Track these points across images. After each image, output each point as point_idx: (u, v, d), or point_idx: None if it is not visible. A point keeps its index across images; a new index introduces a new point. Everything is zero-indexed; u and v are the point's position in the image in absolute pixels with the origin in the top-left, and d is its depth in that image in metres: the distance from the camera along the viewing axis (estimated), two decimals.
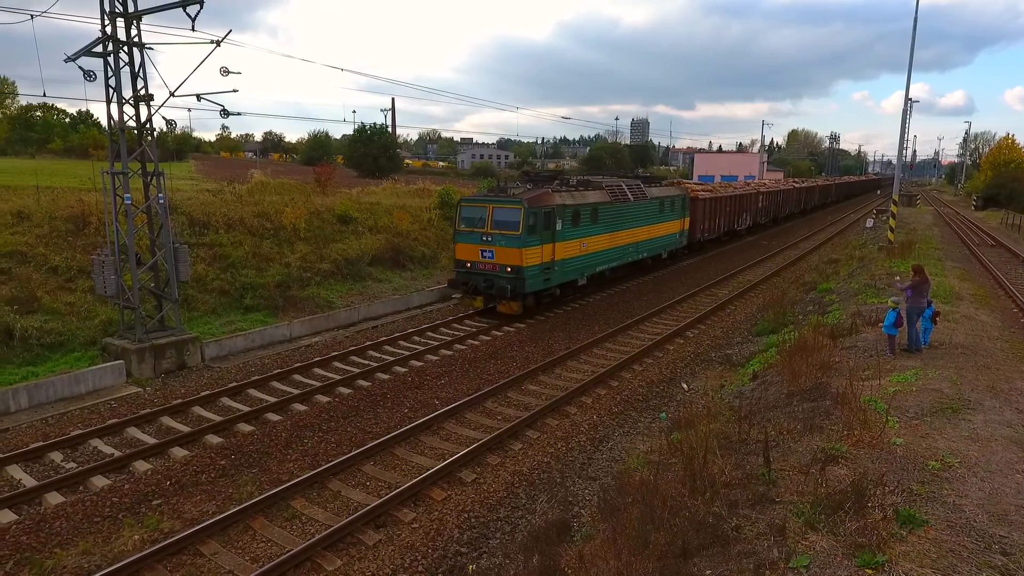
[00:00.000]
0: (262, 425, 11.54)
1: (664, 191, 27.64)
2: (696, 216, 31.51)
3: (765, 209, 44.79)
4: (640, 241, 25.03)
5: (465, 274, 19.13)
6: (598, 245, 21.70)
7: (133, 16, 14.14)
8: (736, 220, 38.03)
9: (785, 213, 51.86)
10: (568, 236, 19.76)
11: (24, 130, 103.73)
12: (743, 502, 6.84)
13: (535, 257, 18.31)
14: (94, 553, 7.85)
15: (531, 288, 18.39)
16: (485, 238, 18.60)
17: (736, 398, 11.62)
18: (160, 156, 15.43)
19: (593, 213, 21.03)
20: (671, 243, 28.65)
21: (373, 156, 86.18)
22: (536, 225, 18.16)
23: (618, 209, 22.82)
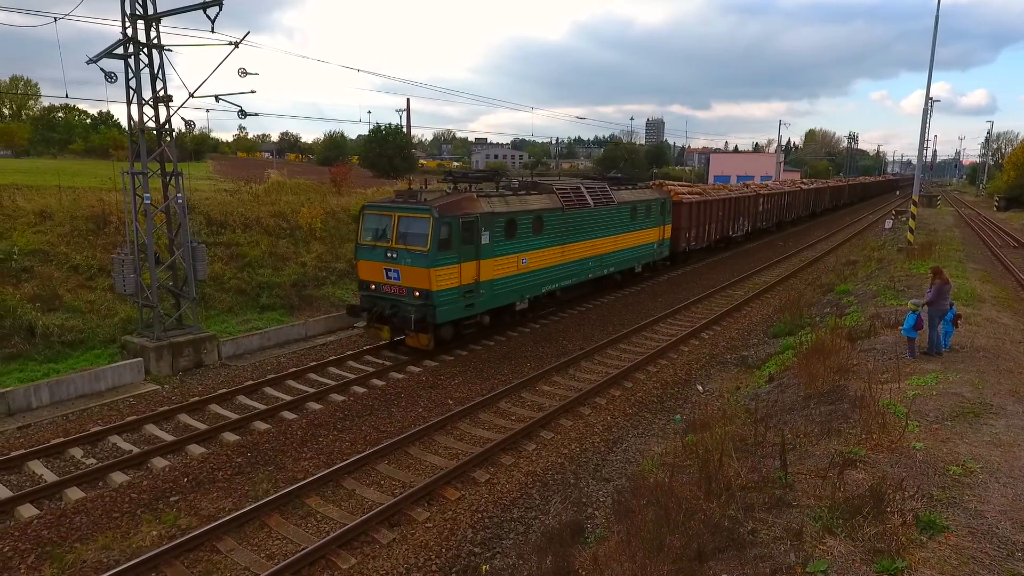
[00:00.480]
0: (278, 423, 11.63)
1: (638, 194, 23.75)
2: (680, 222, 27.77)
3: (767, 213, 41.21)
4: (605, 254, 21.20)
5: (369, 298, 15.63)
6: (544, 260, 18.07)
7: (153, 18, 14.32)
8: (731, 226, 34.57)
9: (791, 217, 47.81)
10: (500, 251, 16.18)
11: (46, 131, 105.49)
12: (759, 505, 6.78)
13: (450, 278, 14.68)
14: (113, 548, 7.96)
15: (445, 317, 14.74)
16: (389, 254, 14.88)
17: (752, 400, 11.52)
18: (178, 156, 15.62)
19: (536, 222, 17.53)
20: (647, 255, 24.67)
21: (388, 156, 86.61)
22: (452, 238, 14.57)
23: (573, 217, 19.10)
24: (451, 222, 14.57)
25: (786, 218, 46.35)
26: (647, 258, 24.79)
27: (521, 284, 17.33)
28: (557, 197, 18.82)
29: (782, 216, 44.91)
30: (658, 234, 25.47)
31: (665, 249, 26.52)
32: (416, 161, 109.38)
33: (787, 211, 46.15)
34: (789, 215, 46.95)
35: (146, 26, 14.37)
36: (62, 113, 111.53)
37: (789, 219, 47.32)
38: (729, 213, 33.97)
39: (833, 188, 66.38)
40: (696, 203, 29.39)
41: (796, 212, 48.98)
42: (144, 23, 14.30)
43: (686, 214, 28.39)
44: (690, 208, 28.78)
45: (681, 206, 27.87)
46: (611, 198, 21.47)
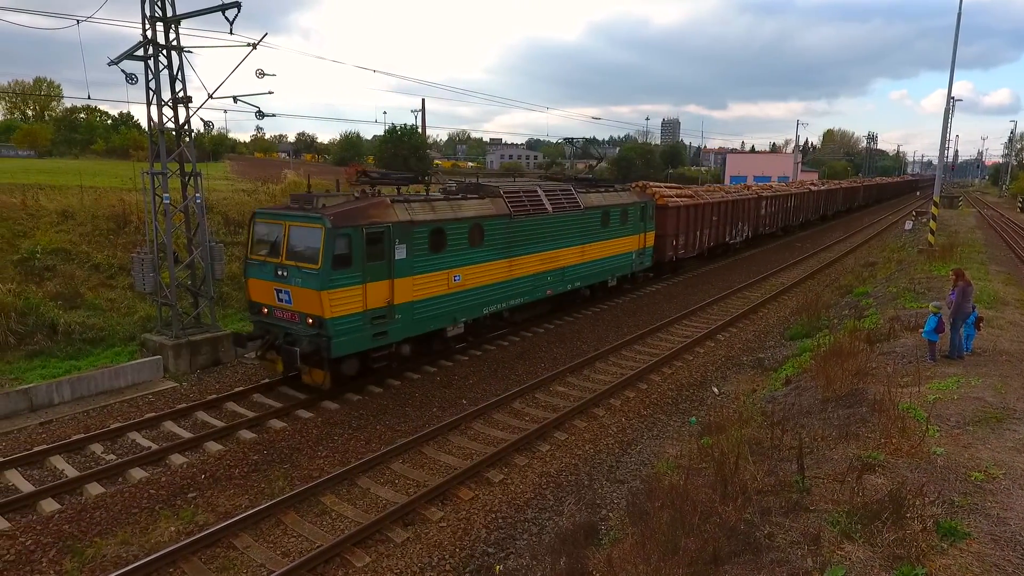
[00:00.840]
0: (293, 421, 11.72)
1: (612, 198, 20.76)
2: (667, 228, 25.00)
3: (770, 217, 37.97)
4: (568, 267, 18.46)
5: (262, 324, 13.10)
6: (486, 276, 15.44)
7: (173, 20, 14.50)
8: (729, 232, 31.76)
9: (799, 221, 44.46)
10: (423, 267, 13.57)
11: (69, 132, 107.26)
12: (776, 509, 6.71)
13: (350, 302, 12.09)
14: (132, 543, 8.07)
15: (343, 349, 12.13)
16: (280, 272, 12.35)
17: (768, 403, 11.41)
18: (197, 157, 15.80)
19: (474, 232, 14.88)
20: (623, 266, 21.66)
21: (403, 157, 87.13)
22: (352, 254, 12.02)
23: (524, 225, 16.47)
24: (351, 234, 11.98)
25: (793, 222, 43.17)
26: (623, 270, 21.87)
27: (453, 305, 14.62)
28: (504, 202, 16.05)
29: (788, 220, 41.77)
30: (638, 242, 22.40)
31: (647, 259, 23.50)
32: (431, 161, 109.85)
33: (794, 214, 43.18)
34: (797, 219, 43.83)
35: (165, 28, 14.55)
36: (84, 114, 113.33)
37: (797, 223, 44.16)
38: (726, 217, 31.10)
39: (846, 189, 62.58)
40: (685, 207, 26.42)
41: (805, 215, 45.94)
42: (164, 25, 14.48)
43: (673, 219, 25.46)
44: (677, 212, 25.78)
45: (667, 210, 24.96)
46: (576, 202, 18.72)
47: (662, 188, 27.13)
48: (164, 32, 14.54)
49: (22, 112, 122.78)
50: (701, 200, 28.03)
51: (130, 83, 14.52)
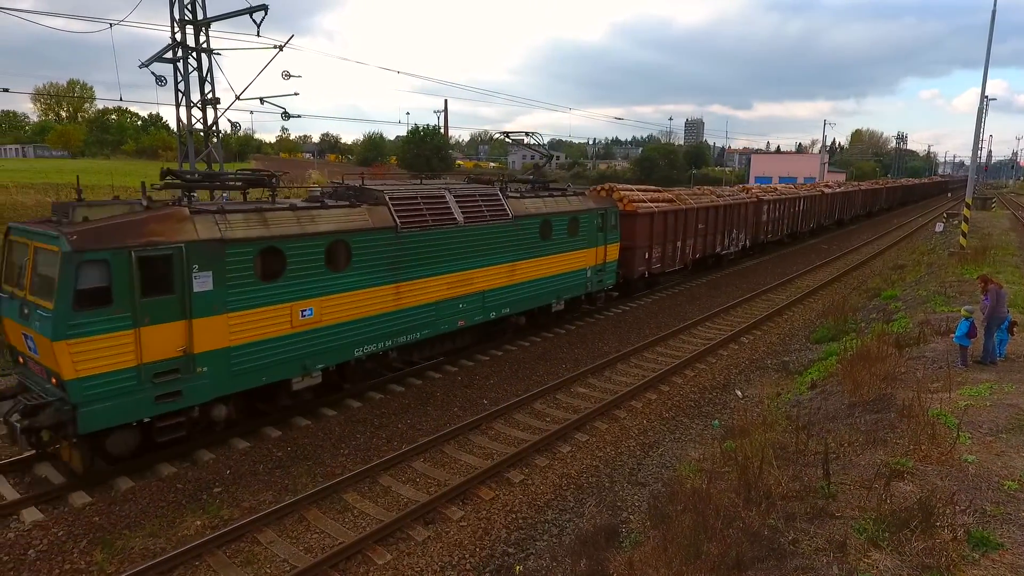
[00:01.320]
0: (317, 419, 11.85)
1: (557, 204, 17.04)
2: (637, 239, 21.17)
3: (773, 223, 34.08)
4: (490, 290, 14.85)
5: (22, 375, 9.98)
6: (357, 308, 12.01)
7: (202, 23, 14.78)
8: (721, 241, 27.96)
9: (808, 228, 40.26)
10: (248, 300, 10.22)
11: (100, 132, 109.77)
12: (801, 515, 6.62)
13: (112, 354, 8.78)
14: (159, 536, 8.23)
15: (98, 422, 8.84)
16: (24, 310, 9.17)
17: (793, 407, 11.25)
18: (223, 157, 16.07)
19: (336, 251, 11.49)
20: (573, 286, 17.96)
21: (426, 157, 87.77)
22: (113, 287, 8.71)
23: (419, 240, 12.87)
24: (109, 259, 8.65)
25: (803, 228, 39.11)
26: (573, 291, 18.09)
27: (301, 349, 11.18)
28: (388, 211, 12.49)
29: (796, 226, 37.68)
30: (594, 257, 18.62)
31: (609, 276, 19.69)
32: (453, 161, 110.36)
33: (803, 220, 38.95)
34: (807, 224, 39.65)
35: (195, 31, 14.84)
36: (115, 115, 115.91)
37: (807, 229, 39.99)
38: (716, 225, 27.22)
39: (866, 192, 57.05)
40: (661, 213, 22.36)
41: (817, 220, 41.77)
42: (193, 28, 14.76)
43: (645, 228, 21.61)
44: (651, 220, 21.80)
45: (636, 218, 21.09)
46: (502, 211, 15.00)
47: (633, 192, 22.76)
48: (194, 35, 14.83)
49: (56, 113, 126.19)
50: (683, 205, 24.17)
51: (160, 85, 14.84)
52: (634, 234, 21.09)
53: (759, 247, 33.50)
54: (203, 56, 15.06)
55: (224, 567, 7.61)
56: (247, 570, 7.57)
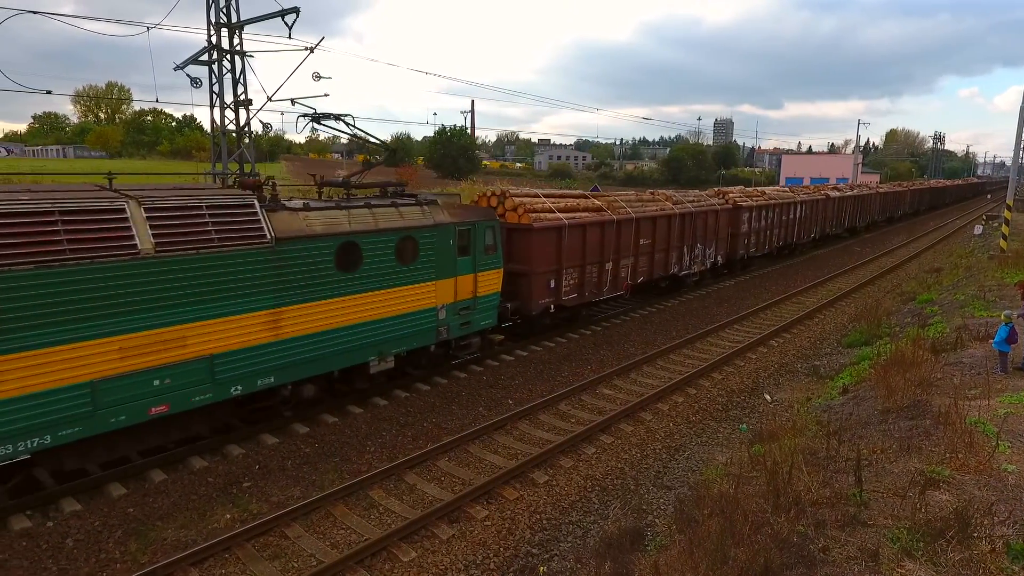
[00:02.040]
0: (344, 416, 11.98)
1: (380, 218, 12.02)
2: (535, 262, 15.70)
3: (758, 235, 28.04)
4: (226, 352, 9.92)
5: None
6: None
7: (236, 26, 15.06)
8: (676, 259, 21.91)
9: (809, 237, 34.27)
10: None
11: (137, 133, 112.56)
12: (832, 522, 6.49)
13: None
14: (191, 528, 8.41)
15: None
16: None
17: (824, 412, 11.04)
18: (255, 157, 16.35)
19: None
20: (410, 334, 12.77)
21: (452, 157, 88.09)
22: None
23: (36, 284, 7.96)
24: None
25: (802, 239, 33.29)
26: (412, 340, 12.83)
27: None
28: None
29: (789, 237, 31.65)
30: (452, 290, 13.35)
31: (485, 314, 14.37)
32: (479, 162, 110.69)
33: (800, 230, 32.79)
34: (805, 235, 33.68)
35: (229, 33, 15.12)
36: (150, 117, 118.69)
37: (807, 239, 34.14)
38: (668, 239, 21.19)
39: (886, 195, 49.51)
40: (574, 227, 16.70)
41: (820, 229, 35.57)
42: (227, 31, 15.05)
43: (547, 247, 16.06)
44: (558, 236, 16.26)
45: (532, 234, 15.55)
46: (257, 229, 10.17)
47: (537, 199, 16.89)
48: (228, 37, 15.11)
49: (95, 115, 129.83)
50: (615, 215, 18.44)
51: (195, 87, 15.17)
52: (530, 256, 15.58)
53: (743, 264, 27.86)
54: (236, 58, 15.36)
55: (253, 560, 7.74)
56: (275, 564, 7.70)
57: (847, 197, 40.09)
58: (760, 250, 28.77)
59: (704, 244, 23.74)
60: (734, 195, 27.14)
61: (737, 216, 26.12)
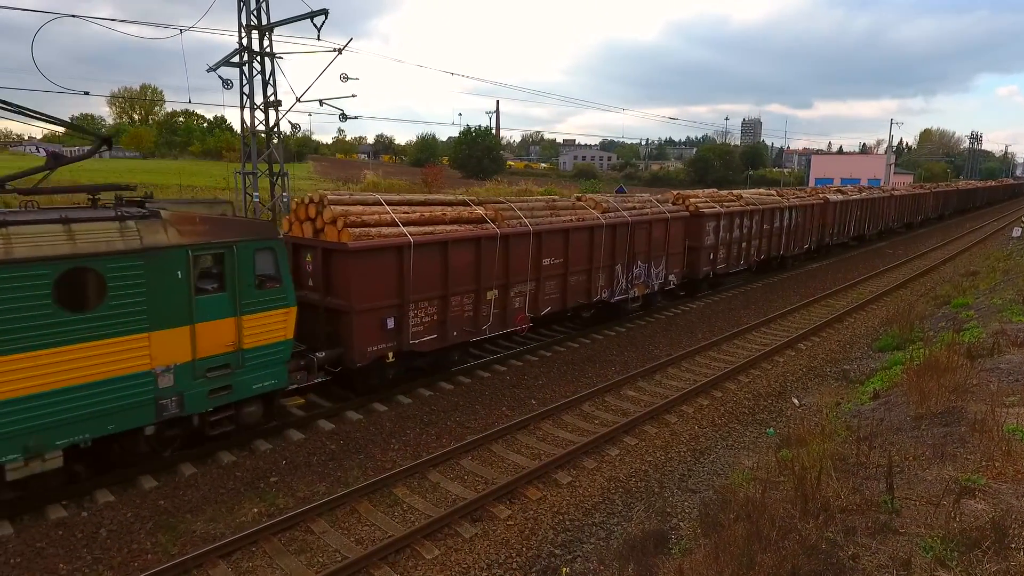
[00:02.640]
0: (368, 414, 12.08)
1: (39, 239, 7.87)
2: (353, 295, 11.52)
3: (731, 248, 23.49)
4: None
5: None
6: None
7: (266, 28, 15.30)
8: (610, 282, 17.61)
9: (801, 249, 29.41)
10: None
11: (169, 134, 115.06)
12: (862, 529, 6.36)
13: None
14: (219, 521, 8.56)
15: None
16: None
17: (854, 417, 10.82)
18: (283, 157, 16.59)
19: None
20: (100, 410, 8.45)
21: (477, 158, 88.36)
22: None
23: None
24: None
25: (792, 250, 28.44)
26: (98, 425, 8.55)
27: None
28: None
29: (778, 249, 27.16)
30: (183, 345, 9.16)
31: (265, 373, 10.25)
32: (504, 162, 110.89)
33: (792, 240, 28.15)
34: (796, 246, 28.81)
35: (259, 35, 15.37)
36: (182, 118, 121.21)
37: (799, 251, 29.29)
38: (590, 258, 16.70)
39: (902, 198, 43.77)
40: (425, 245, 12.45)
41: (817, 239, 31.02)
42: (258, 33, 15.29)
43: (384, 273, 11.94)
44: (399, 258, 12.11)
45: (349, 257, 11.41)
46: None
47: (379, 208, 12.64)
48: (259, 39, 15.36)
49: (129, 116, 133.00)
50: (503, 228, 14.11)
51: (226, 88, 15.45)
52: (349, 285, 11.50)
53: (711, 283, 23.67)
54: (266, 60, 15.62)
55: (279, 554, 7.85)
56: (301, 558, 7.80)
57: (852, 201, 34.69)
58: (735, 265, 24.12)
59: (647, 262, 18.79)
60: (697, 200, 22.26)
61: (698, 226, 21.21)
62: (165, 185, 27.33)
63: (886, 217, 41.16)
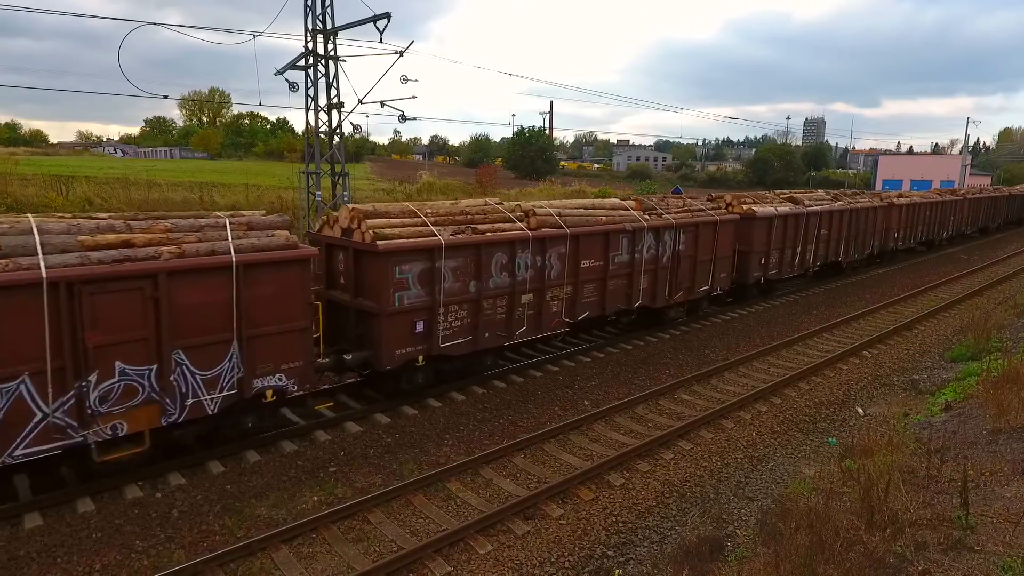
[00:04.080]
0: (423, 409, 12.30)
1: None
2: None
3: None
4: None
5: None
6: None
7: (331, 32, 15.78)
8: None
9: (860, 255, 27.03)
10: None
11: (235, 136, 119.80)
12: (933, 545, 6.09)
13: None
14: (281, 508, 8.89)
15: None
16: None
17: (924, 429, 10.35)
18: (344, 158, 17.06)
19: None
20: None
21: (530, 158, 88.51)
22: None
23: None
24: None
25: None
26: None
27: None
28: None
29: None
30: None
31: None
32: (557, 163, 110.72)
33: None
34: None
35: (325, 39, 15.86)
36: (247, 120, 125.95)
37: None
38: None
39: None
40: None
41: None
42: (323, 37, 15.79)
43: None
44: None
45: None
46: None
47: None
48: (324, 43, 15.85)
49: (199, 119, 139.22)
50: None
51: (292, 91, 16.02)
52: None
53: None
54: (330, 63, 16.11)
55: (338, 542, 8.10)
56: (358, 546, 8.02)
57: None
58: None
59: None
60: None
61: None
62: (232, 184, 28.62)
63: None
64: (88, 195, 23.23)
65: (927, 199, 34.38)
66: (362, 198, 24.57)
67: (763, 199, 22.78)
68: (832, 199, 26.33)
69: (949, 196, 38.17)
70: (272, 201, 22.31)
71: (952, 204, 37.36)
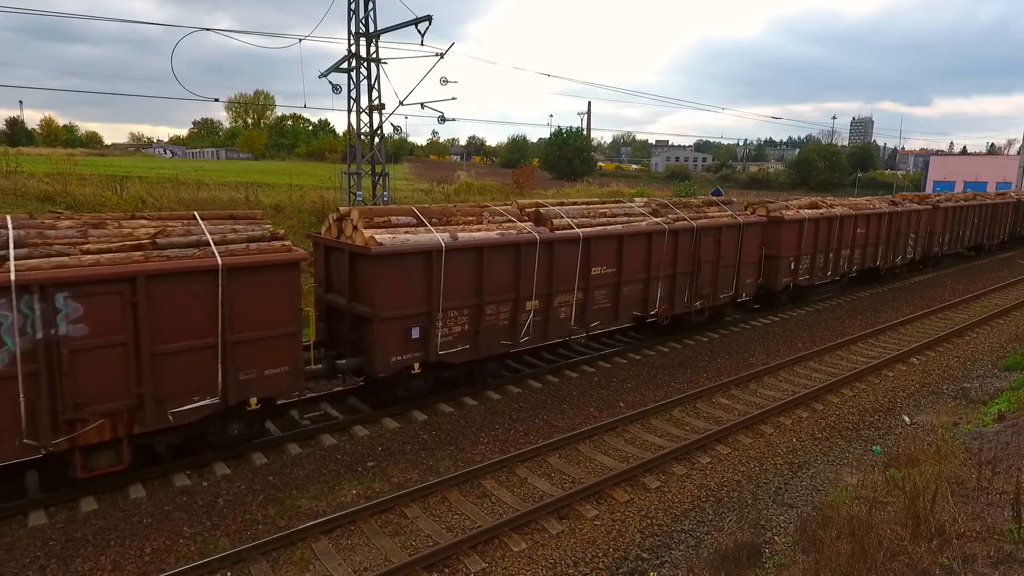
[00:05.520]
0: (459, 407, 12.42)
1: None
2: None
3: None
4: None
5: None
6: None
7: (374, 35, 16.07)
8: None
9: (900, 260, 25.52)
10: None
11: (278, 137, 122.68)
12: (983, 558, 5.90)
13: None
14: (321, 500, 9.11)
15: None
16: None
17: (974, 440, 9.99)
18: (384, 158, 17.33)
19: None
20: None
21: (567, 159, 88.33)
22: None
23: None
24: None
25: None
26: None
27: None
28: None
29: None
30: None
31: None
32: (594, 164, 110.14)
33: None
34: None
35: (367, 42, 16.17)
36: (289, 122, 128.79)
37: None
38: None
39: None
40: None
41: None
42: (366, 40, 16.09)
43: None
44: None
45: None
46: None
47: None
48: (366, 46, 16.16)
49: (244, 120, 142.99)
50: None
51: (336, 93, 16.37)
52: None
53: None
54: (372, 65, 16.41)
55: (376, 535, 8.26)
56: (395, 540, 8.17)
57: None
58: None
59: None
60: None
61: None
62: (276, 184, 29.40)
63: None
64: (141, 194, 24.18)
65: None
66: (401, 198, 24.92)
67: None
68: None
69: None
70: (314, 201, 22.84)
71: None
